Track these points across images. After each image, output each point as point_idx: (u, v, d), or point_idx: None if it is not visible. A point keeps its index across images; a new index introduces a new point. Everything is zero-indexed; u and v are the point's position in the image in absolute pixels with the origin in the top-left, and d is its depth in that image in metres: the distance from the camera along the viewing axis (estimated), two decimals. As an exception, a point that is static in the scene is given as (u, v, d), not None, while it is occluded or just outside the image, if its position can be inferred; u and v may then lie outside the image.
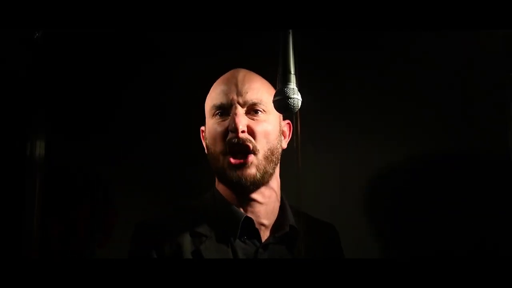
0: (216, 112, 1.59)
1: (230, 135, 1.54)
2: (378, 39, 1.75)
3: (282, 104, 1.41)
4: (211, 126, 1.59)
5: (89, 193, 1.90)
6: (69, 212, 1.87)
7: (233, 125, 1.53)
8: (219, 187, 1.63)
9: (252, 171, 1.54)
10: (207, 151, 1.63)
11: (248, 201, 1.59)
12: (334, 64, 1.79)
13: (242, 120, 1.54)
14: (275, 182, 1.63)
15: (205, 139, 1.65)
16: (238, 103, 1.57)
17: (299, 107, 1.42)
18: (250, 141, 1.54)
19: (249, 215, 1.58)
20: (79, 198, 1.88)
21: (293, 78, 1.41)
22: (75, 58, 1.93)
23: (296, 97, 1.41)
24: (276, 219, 1.63)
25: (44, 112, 1.90)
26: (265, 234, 1.60)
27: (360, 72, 1.76)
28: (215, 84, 1.65)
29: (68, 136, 1.91)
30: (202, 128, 1.68)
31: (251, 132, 1.56)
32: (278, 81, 1.41)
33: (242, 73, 1.62)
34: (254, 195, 1.58)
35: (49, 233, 1.84)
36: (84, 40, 1.87)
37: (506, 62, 1.67)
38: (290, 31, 1.41)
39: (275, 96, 1.42)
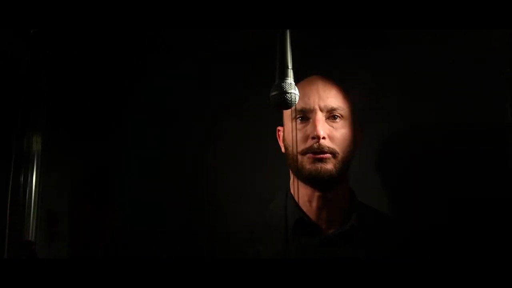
0: (297, 116, 1.65)
1: (311, 141, 1.62)
2: (375, 36, 1.76)
3: (279, 98, 1.40)
4: (290, 129, 1.66)
5: (89, 190, 1.89)
6: (68, 209, 1.86)
7: (314, 133, 1.61)
8: (294, 188, 1.69)
9: (329, 166, 1.62)
10: (285, 151, 1.72)
11: (319, 198, 1.67)
12: (332, 58, 1.79)
13: (323, 127, 1.62)
14: (345, 183, 1.71)
15: (283, 139, 1.73)
16: (319, 107, 1.64)
17: (297, 102, 1.42)
18: (330, 146, 1.62)
19: (316, 211, 1.67)
20: (78, 195, 1.87)
21: (290, 72, 1.41)
22: (72, 54, 1.93)
23: (294, 92, 1.41)
24: (340, 216, 1.68)
25: (41, 107, 1.90)
26: (326, 230, 1.66)
27: (358, 67, 1.77)
28: None
29: (67, 131, 1.90)
30: (279, 128, 1.77)
31: (330, 137, 1.63)
32: (276, 76, 1.41)
33: (322, 80, 1.69)
34: (327, 194, 1.66)
35: (48, 230, 1.83)
36: (80, 36, 1.87)
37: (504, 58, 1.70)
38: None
39: (272, 90, 1.41)
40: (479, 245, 1.65)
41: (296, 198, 1.70)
